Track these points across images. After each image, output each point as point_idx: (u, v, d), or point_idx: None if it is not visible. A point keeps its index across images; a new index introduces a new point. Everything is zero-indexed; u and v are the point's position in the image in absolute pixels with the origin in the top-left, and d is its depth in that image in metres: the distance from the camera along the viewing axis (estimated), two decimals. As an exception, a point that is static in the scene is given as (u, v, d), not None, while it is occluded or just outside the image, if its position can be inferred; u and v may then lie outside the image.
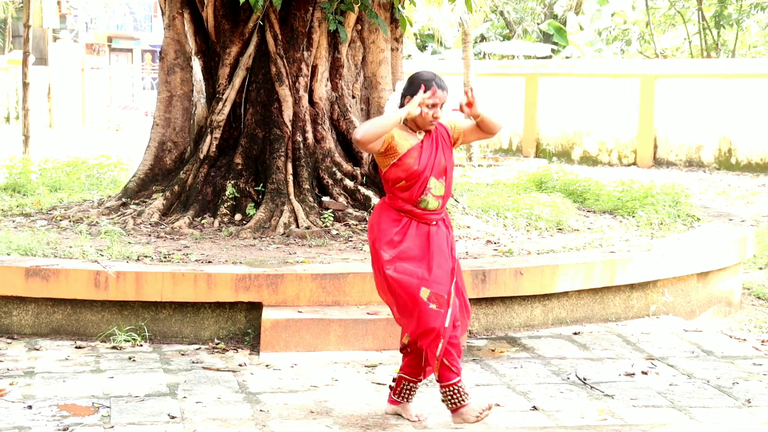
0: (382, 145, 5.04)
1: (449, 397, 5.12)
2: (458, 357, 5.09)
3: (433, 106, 5.06)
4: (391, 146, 5.07)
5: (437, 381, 5.14)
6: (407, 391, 5.30)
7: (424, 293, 4.99)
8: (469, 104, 5.13)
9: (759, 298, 9.06)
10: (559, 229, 8.84)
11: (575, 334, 7.14)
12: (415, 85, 5.10)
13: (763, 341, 7.54)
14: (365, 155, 9.07)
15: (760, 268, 10.32)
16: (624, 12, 35.48)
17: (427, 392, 5.72)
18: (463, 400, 5.10)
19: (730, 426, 5.13)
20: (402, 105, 5.14)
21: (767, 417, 5.38)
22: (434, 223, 5.14)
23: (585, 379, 6.02)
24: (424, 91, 5.05)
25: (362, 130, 4.98)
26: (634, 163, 21.89)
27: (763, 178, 19.28)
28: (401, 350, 5.27)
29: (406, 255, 5.06)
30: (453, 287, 5.08)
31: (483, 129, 5.23)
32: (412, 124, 5.14)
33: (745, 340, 7.53)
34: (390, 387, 5.37)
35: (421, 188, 5.09)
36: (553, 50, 35.54)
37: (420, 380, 5.30)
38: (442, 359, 5.02)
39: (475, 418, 5.07)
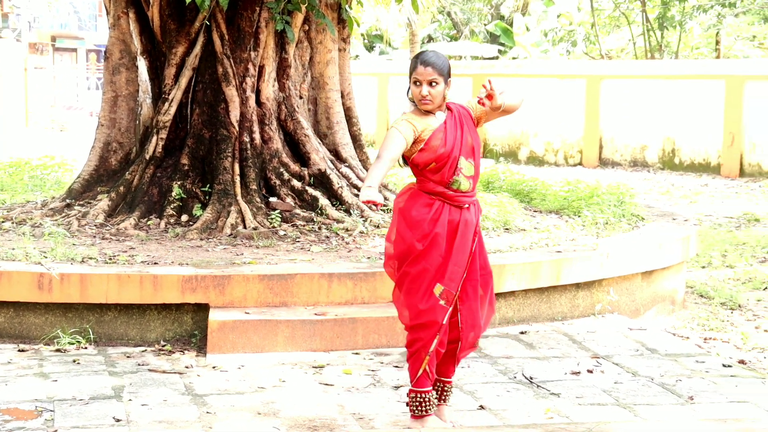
0: (411, 141, 4.93)
1: (416, 404, 5.04)
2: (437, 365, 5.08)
3: (417, 83, 4.96)
4: (419, 138, 4.96)
5: (410, 382, 5.09)
6: (444, 393, 5.21)
7: (438, 289, 4.94)
8: (489, 96, 5.03)
9: (702, 296, 9.18)
10: (506, 229, 8.89)
11: (522, 333, 7.19)
12: (411, 60, 5.04)
13: (705, 339, 7.64)
14: (313, 156, 9.05)
15: (703, 267, 10.46)
16: (570, 13, 35.81)
17: (375, 392, 5.73)
18: (426, 411, 5.04)
19: (673, 423, 5.19)
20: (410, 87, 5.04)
21: (709, 413, 5.46)
22: (466, 206, 5.02)
23: (531, 378, 6.06)
24: (411, 71, 4.98)
25: (372, 167, 4.85)
26: (580, 164, 22.09)
27: (706, 178, 19.56)
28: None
29: (434, 243, 4.94)
30: (461, 285, 5.00)
31: (507, 111, 5.17)
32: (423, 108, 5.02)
33: (688, 338, 7.63)
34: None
35: (452, 169, 4.97)
36: (500, 51, 35.75)
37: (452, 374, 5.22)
38: (425, 368, 4.98)
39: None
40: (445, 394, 5.21)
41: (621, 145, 21.67)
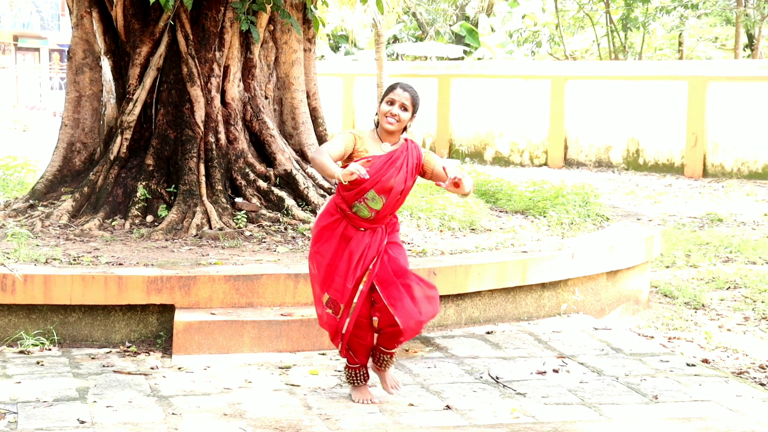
0: (345, 155, 5.30)
1: (347, 376, 5.63)
2: (366, 356, 5.56)
3: (391, 102, 5.30)
4: (356, 151, 5.31)
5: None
6: (381, 362, 5.61)
7: (325, 297, 5.45)
8: (456, 185, 5.25)
9: (666, 296, 9.25)
10: (472, 230, 8.92)
11: (488, 333, 7.21)
12: (387, 88, 5.39)
13: (670, 338, 7.70)
14: (279, 156, 9.03)
15: (667, 267, 10.54)
16: (534, 14, 35.96)
17: (341, 392, 5.73)
18: (356, 383, 5.61)
19: (638, 422, 5.23)
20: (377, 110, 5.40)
21: (673, 412, 5.50)
22: (362, 229, 5.38)
23: (498, 378, 6.08)
24: (384, 96, 5.35)
25: (317, 159, 5.18)
26: (546, 164, 22.19)
27: (670, 178, 19.71)
28: (376, 332, 5.53)
29: (325, 251, 5.41)
30: (357, 295, 5.36)
31: (457, 193, 5.35)
32: (381, 132, 5.37)
33: (652, 337, 7.68)
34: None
35: (358, 195, 5.31)
36: (465, 51, 35.84)
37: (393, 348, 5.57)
38: (347, 352, 5.52)
39: (354, 402, 5.57)
40: (385, 363, 5.62)
41: (586, 145, 21.80)
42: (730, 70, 20.33)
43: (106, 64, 8.99)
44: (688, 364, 6.49)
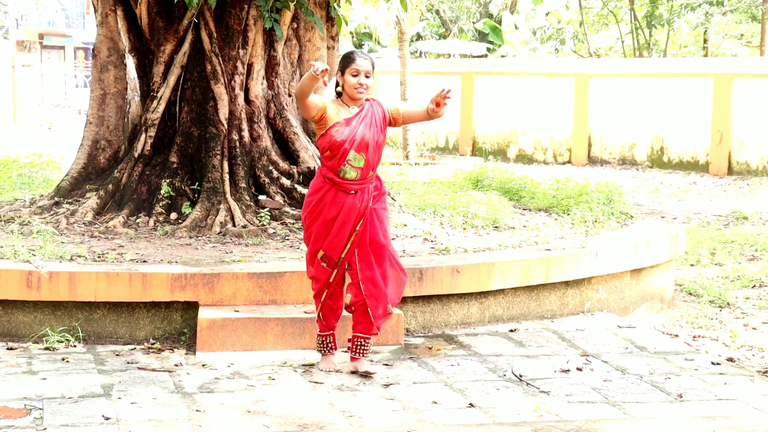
0: (317, 113, 5.79)
1: (318, 344, 6.14)
2: (335, 319, 6.10)
3: (356, 74, 5.80)
4: (324, 117, 5.82)
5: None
6: (362, 348, 6.04)
7: (320, 253, 5.96)
8: (438, 104, 5.90)
9: (690, 294, 9.21)
10: (495, 227, 8.90)
11: (511, 331, 7.19)
12: (343, 58, 5.86)
13: (694, 337, 7.66)
14: (302, 154, 9.05)
15: (692, 265, 10.49)
16: (558, 11, 35.85)
17: (364, 390, 5.73)
18: (324, 351, 6.12)
19: (663, 420, 5.21)
20: (337, 82, 5.90)
21: (698, 411, 5.47)
22: (353, 192, 5.88)
23: (521, 376, 6.06)
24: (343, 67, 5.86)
25: (296, 89, 5.86)
26: (569, 162, 22.12)
27: (694, 176, 19.61)
28: (347, 309, 6.06)
29: (320, 218, 5.90)
30: (353, 253, 5.92)
31: (431, 118, 6.00)
32: (347, 99, 5.89)
33: (677, 335, 7.65)
34: (348, 347, 6.13)
35: (341, 159, 5.84)
36: (488, 49, 35.77)
37: (373, 334, 6.07)
38: (320, 319, 6.04)
39: (320, 371, 6.04)
40: (362, 348, 6.04)
41: (610, 143, 21.72)
42: (755, 68, 20.18)
43: (130, 61, 9.03)
44: (713, 363, 6.46)
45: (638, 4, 28.64)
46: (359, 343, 6.05)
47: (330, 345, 6.13)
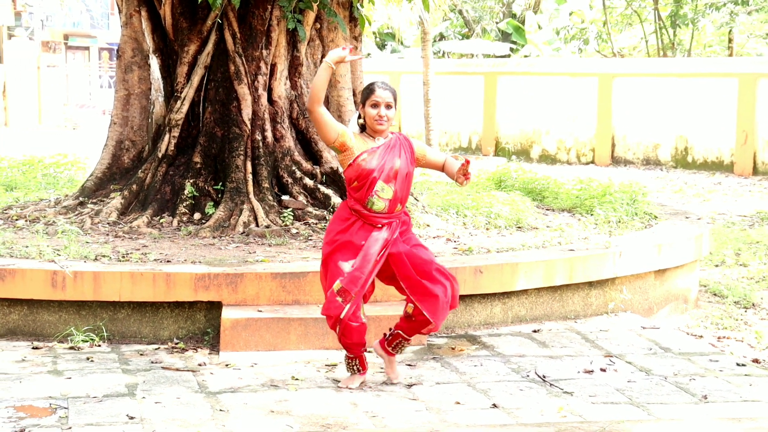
0: (336, 138, 5.60)
1: (346, 364, 5.86)
2: (360, 344, 5.73)
3: (375, 105, 5.64)
4: (346, 146, 5.62)
5: None
6: (400, 346, 5.89)
7: (337, 285, 5.58)
8: (466, 176, 5.63)
9: (715, 295, 9.15)
10: (519, 228, 8.88)
11: (535, 331, 7.18)
12: (365, 90, 5.71)
13: (719, 338, 7.62)
14: (325, 154, 9.06)
15: (716, 266, 10.43)
16: (581, 11, 35.74)
17: (388, 390, 5.73)
18: (352, 370, 5.83)
19: (687, 422, 5.18)
20: (359, 115, 5.75)
21: (723, 412, 5.44)
22: (379, 225, 5.64)
23: (544, 377, 6.05)
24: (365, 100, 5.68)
25: (312, 85, 5.54)
26: (593, 162, 22.05)
27: (719, 176, 19.50)
28: (405, 317, 5.82)
29: (343, 248, 5.63)
30: (368, 284, 5.64)
31: (447, 175, 5.76)
32: (370, 131, 5.71)
33: (701, 336, 7.61)
34: (384, 334, 5.95)
35: (369, 189, 5.62)
36: (511, 49, 35.68)
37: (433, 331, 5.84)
38: (342, 340, 5.69)
39: (340, 387, 5.79)
40: (400, 346, 5.90)
41: (633, 143, 21.63)
42: (781, 67, 20.07)
43: (154, 62, 9.07)
44: (738, 364, 6.42)
45: (662, 4, 28.52)
46: (400, 342, 5.88)
47: (358, 366, 5.85)
